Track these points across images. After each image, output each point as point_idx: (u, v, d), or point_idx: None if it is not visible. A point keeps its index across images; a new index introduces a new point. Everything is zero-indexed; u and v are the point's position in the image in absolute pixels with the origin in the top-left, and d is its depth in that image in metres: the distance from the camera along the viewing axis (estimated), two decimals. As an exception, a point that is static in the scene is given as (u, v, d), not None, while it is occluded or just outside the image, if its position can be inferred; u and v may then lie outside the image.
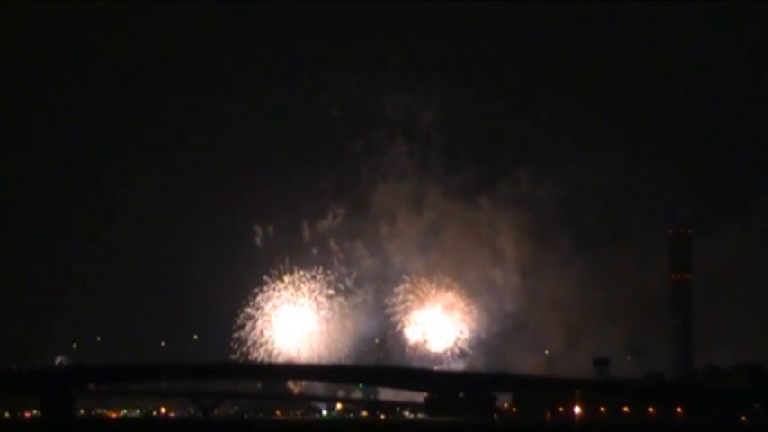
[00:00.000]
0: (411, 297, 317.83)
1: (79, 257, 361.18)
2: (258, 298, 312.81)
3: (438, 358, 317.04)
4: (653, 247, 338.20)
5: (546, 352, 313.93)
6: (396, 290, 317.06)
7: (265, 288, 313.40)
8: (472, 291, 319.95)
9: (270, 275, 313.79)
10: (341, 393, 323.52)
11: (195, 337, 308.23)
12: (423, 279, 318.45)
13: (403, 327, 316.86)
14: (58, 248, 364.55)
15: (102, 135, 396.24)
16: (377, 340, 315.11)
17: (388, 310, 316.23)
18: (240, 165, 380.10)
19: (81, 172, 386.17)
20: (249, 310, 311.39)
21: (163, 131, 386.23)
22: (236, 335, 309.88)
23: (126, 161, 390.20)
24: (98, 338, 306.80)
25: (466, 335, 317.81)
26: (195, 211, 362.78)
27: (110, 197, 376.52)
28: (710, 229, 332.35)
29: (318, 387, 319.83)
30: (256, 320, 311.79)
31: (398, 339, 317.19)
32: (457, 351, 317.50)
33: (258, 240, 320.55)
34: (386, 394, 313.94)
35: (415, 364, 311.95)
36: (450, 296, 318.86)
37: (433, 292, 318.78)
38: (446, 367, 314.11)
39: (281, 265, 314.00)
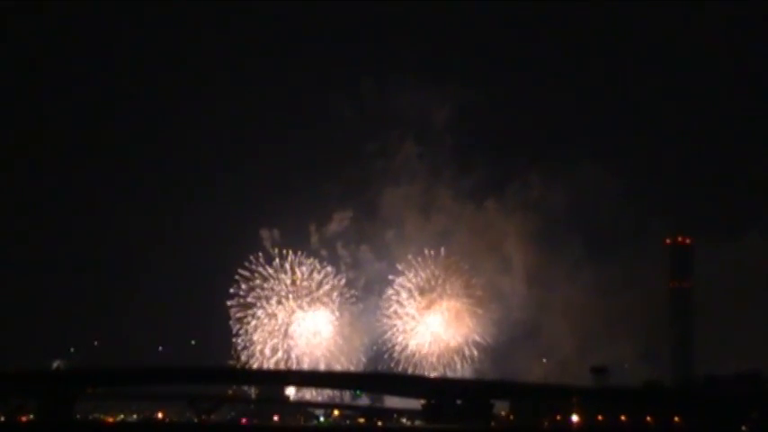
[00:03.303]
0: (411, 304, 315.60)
1: (77, 261, 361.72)
2: (259, 311, 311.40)
3: (443, 365, 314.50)
4: (660, 253, 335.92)
5: (544, 360, 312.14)
6: (399, 297, 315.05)
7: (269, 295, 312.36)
8: (481, 297, 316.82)
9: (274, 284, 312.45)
10: (347, 400, 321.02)
11: (193, 342, 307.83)
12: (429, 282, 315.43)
13: (405, 333, 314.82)
14: (56, 252, 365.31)
15: (106, 137, 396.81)
16: (374, 347, 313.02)
17: (386, 318, 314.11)
18: (248, 166, 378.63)
19: (85, 175, 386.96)
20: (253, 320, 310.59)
21: (167, 133, 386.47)
22: (235, 340, 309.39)
23: (128, 164, 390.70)
24: (95, 343, 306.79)
25: (472, 342, 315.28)
26: (199, 214, 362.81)
27: (111, 199, 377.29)
28: (710, 237, 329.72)
29: (322, 393, 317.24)
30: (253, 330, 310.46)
31: (404, 346, 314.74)
32: (465, 357, 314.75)
33: (268, 245, 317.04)
34: (393, 402, 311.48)
35: (419, 371, 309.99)
36: (457, 303, 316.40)
37: (438, 297, 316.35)
38: (451, 374, 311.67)
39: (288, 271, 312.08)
